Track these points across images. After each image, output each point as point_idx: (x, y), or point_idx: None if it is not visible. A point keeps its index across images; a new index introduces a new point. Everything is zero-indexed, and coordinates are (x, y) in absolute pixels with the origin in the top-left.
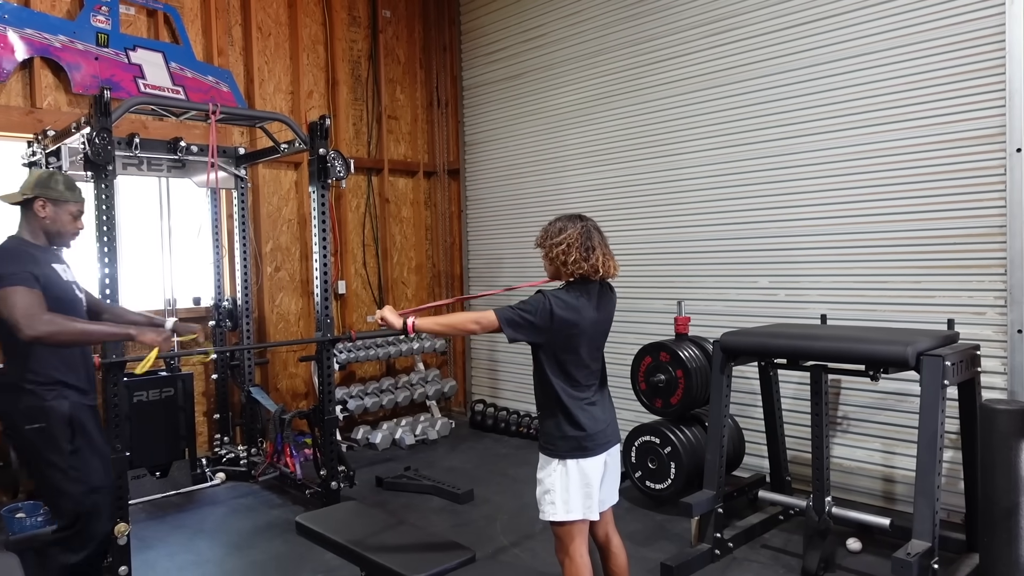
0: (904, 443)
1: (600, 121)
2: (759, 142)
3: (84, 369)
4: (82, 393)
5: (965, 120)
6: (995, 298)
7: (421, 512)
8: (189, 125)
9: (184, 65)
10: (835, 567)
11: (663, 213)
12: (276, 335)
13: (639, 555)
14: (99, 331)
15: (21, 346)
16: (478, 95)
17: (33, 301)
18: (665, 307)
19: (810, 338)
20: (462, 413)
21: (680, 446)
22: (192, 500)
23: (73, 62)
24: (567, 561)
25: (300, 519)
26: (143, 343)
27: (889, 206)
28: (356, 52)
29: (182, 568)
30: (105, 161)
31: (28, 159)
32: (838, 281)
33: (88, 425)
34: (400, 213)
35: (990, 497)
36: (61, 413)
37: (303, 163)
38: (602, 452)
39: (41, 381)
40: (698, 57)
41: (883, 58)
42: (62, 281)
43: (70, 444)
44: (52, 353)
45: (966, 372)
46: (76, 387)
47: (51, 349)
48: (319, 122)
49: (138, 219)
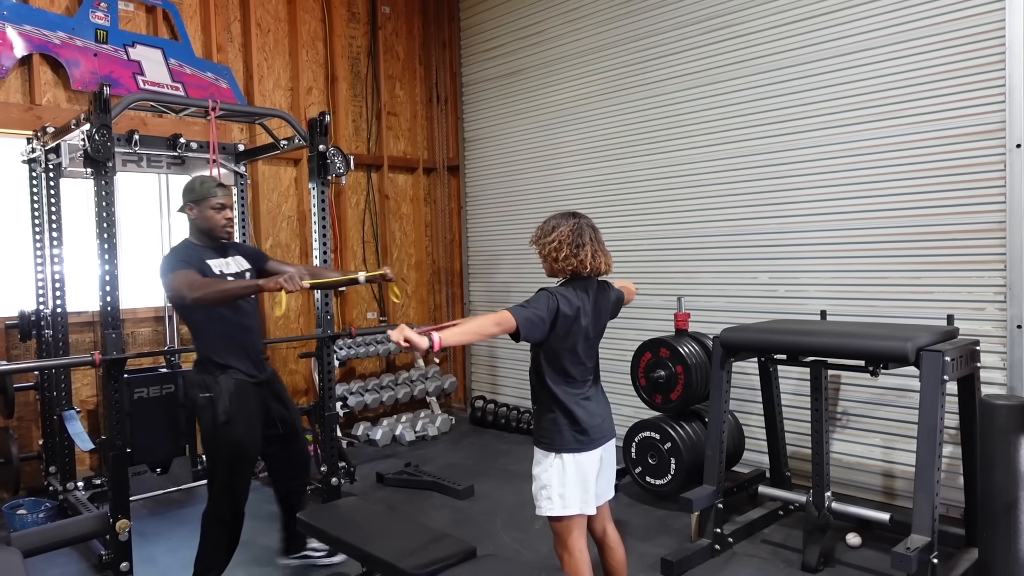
0: (903, 438)
1: (599, 117)
2: (758, 138)
3: (246, 352)
4: (244, 373)
5: (965, 116)
6: (995, 293)
7: (422, 508)
8: (188, 122)
9: (183, 61)
10: (835, 562)
11: (663, 209)
12: (276, 331)
13: (639, 550)
14: (235, 287)
15: (201, 330)
16: (477, 91)
17: (189, 275)
18: (665, 303)
19: (810, 334)
20: (462, 409)
21: (680, 442)
22: (193, 496)
23: (72, 59)
24: (566, 556)
25: (301, 515)
26: (269, 291)
27: (889, 202)
28: (355, 48)
29: (183, 564)
30: (105, 158)
31: (27, 156)
32: (838, 277)
33: (243, 400)
34: (400, 210)
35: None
36: (224, 388)
37: (303, 159)
38: (598, 447)
39: (214, 360)
40: (696, 53)
41: (883, 54)
42: (213, 273)
43: (225, 414)
44: (220, 337)
45: (966, 367)
46: (240, 368)
47: (219, 333)
48: (319, 118)
49: (138, 216)
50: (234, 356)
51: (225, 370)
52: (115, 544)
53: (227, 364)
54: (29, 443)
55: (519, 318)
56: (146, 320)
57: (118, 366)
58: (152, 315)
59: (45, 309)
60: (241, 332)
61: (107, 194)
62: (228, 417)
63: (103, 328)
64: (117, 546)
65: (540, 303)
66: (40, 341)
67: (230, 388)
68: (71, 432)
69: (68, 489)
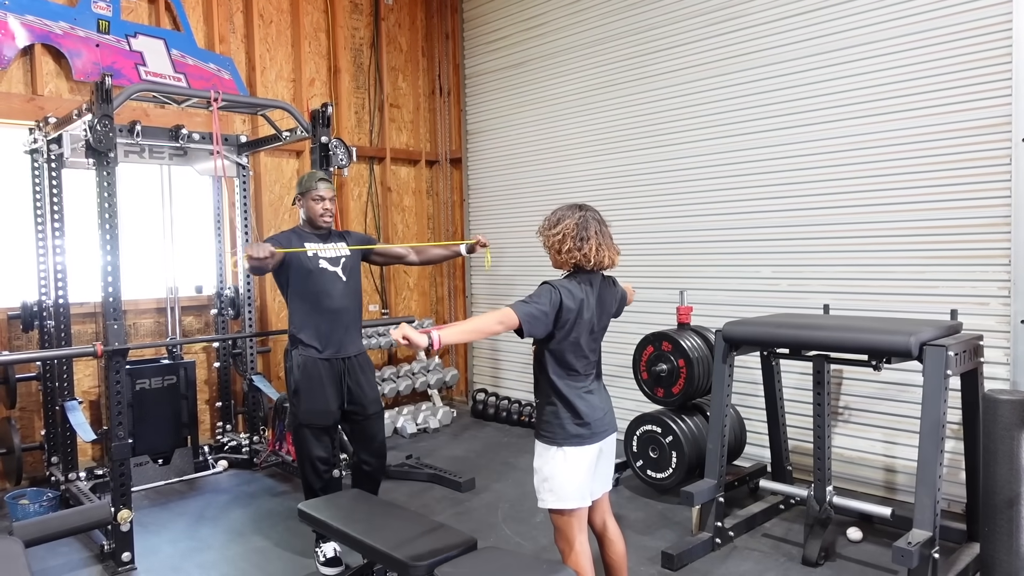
0: (905, 433)
1: (602, 110)
2: (762, 131)
3: (325, 332)
4: (316, 350)
5: (971, 109)
6: (999, 288)
7: (423, 500)
8: (191, 113)
9: (185, 52)
10: (835, 556)
11: (665, 202)
12: (278, 323)
13: (640, 543)
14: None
15: (289, 309)
16: (480, 83)
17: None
18: (667, 297)
19: (813, 328)
20: (464, 402)
21: (682, 435)
22: (194, 487)
23: (74, 49)
24: (567, 549)
25: (302, 506)
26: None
27: (893, 195)
28: (358, 40)
29: (184, 554)
30: (107, 148)
31: (29, 146)
32: (841, 271)
33: (312, 373)
34: (402, 202)
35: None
36: (296, 363)
37: (305, 151)
38: (599, 440)
39: (293, 336)
40: (701, 46)
41: (888, 47)
42: (307, 255)
43: (295, 385)
44: (301, 316)
45: (969, 362)
46: (314, 346)
47: (301, 313)
48: (321, 110)
49: (140, 207)
50: (311, 335)
51: (299, 346)
52: (117, 534)
53: (302, 341)
54: (31, 433)
55: (521, 314)
56: (148, 311)
57: (120, 357)
58: (154, 306)
59: (47, 300)
60: (320, 313)
61: (109, 184)
62: (296, 388)
63: (105, 319)
64: (119, 536)
65: (542, 297)
66: (42, 332)
67: (300, 363)
68: (73, 422)
69: (70, 479)
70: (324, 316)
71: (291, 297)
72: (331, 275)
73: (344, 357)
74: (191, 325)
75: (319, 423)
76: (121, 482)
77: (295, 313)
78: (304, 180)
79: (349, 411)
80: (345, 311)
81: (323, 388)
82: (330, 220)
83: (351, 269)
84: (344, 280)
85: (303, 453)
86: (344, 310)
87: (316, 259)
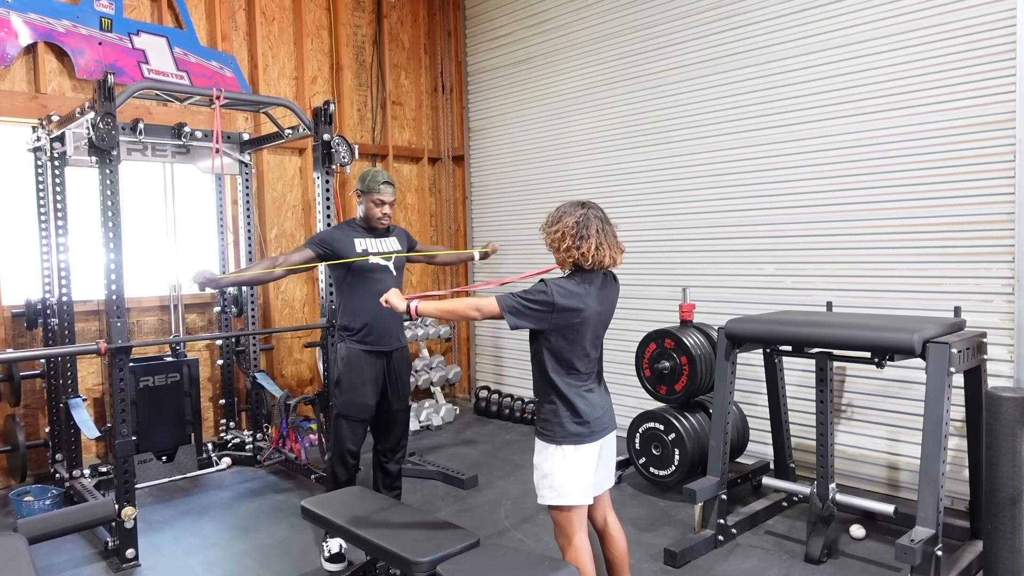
0: (908, 431)
1: (605, 107)
2: (765, 128)
3: (371, 325)
4: (362, 343)
5: (975, 106)
6: (1003, 285)
7: (426, 497)
8: (193, 111)
9: (188, 50)
10: (838, 553)
11: (668, 199)
12: (281, 321)
13: (642, 540)
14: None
15: (338, 301)
16: (483, 81)
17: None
18: (670, 294)
19: (816, 325)
20: (466, 399)
21: (684, 433)
22: (198, 484)
23: (77, 47)
24: (567, 545)
25: (305, 503)
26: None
27: (896, 193)
28: (360, 37)
29: (188, 551)
30: (109, 146)
31: (33, 144)
32: (844, 268)
33: (355, 367)
34: (405, 200)
35: (994, 484)
36: (341, 354)
37: (307, 149)
38: (599, 438)
39: (341, 328)
40: (703, 43)
41: (892, 43)
42: (353, 249)
43: (338, 377)
44: (348, 309)
45: (972, 360)
46: (358, 338)
47: (348, 306)
48: (323, 107)
49: (143, 205)
50: (357, 327)
51: (347, 339)
52: (121, 531)
53: (349, 334)
54: (36, 431)
55: (503, 305)
56: (151, 309)
57: (123, 354)
58: (157, 304)
59: (51, 298)
60: (371, 307)
61: (112, 183)
62: (339, 379)
63: (108, 317)
64: (123, 533)
65: (531, 294)
66: (46, 329)
67: (345, 355)
68: (77, 420)
69: (74, 476)
70: (373, 310)
71: (344, 291)
72: (382, 269)
73: (389, 351)
74: (194, 323)
75: (356, 416)
76: (125, 479)
77: (344, 308)
78: (368, 179)
79: (380, 404)
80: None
81: (364, 383)
82: (387, 223)
83: (400, 264)
84: (394, 275)
85: (336, 443)
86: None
87: (367, 254)
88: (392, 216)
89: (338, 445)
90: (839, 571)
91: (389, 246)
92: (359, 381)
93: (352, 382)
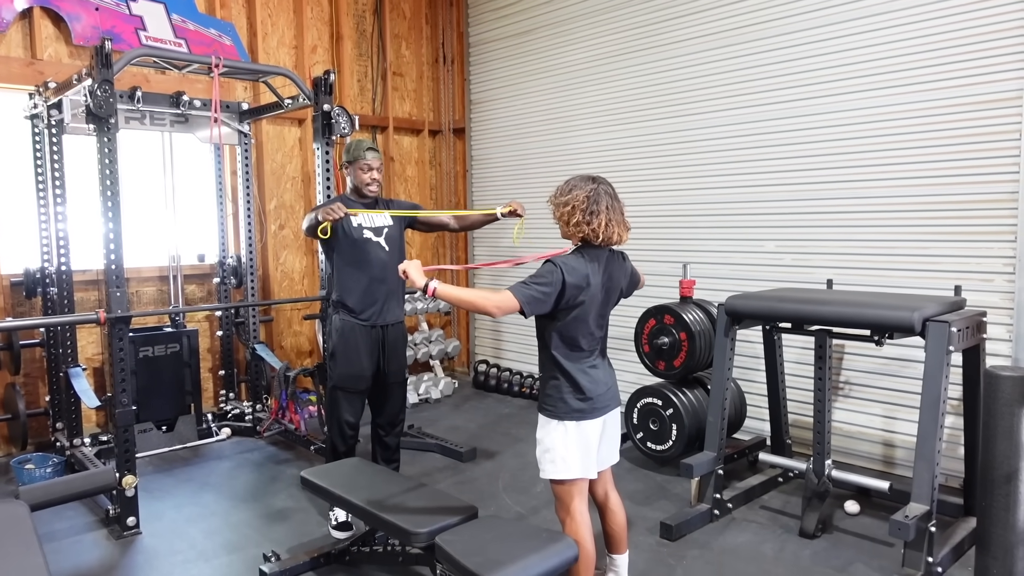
0: (905, 408)
1: (608, 80)
2: (767, 104)
3: (365, 298)
4: (356, 316)
5: (980, 83)
6: (1004, 265)
7: (424, 469)
8: (192, 79)
9: (186, 17)
10: (832, 528)
11: (669, 175)
12: (280, 293)
13: (639, 514)
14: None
15: (334, 279)
16: (485, 52)
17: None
18: (670, 270)
19: (816, 302)
20: (465, 373)
21: (682, 408)
22: (198, 454)
23: (73, 12)
24: (567, 518)
25: (305, 474)
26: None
27: (898, 170)
28: (361, 6)
29: (189, 520)
30: (107, 114)
31: (29, 112)
32: (845, 246)
33: (349, 339)
34: (405, 172)
35: (990, 462)
36: (335, 326)
37: (307, 119)
38: (601, 415)
39: (335, 301)
40: (711, 14)
41: (896, 18)
42: (351, 224)
43: (332, 348)
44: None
45: (971, 338)
46: (353, 311)
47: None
48: (323, 77)
49: (142, 175)
50: (353, 301)
51: (340, 311)
52: (122, 499)
53: (345, 307)
54: (36, 399)
55: (521, 298)
56: (150, 279)
57: (123, 324)
58: (156, 275)
59: (50, 267)
60: (363, 281)
61: (110, 151)
62: (334, 351)
63: (108, 286)
64: (123, 501)
65: (543, 278)
66: (45, 299)
67: (339, 327)
68: (77, 389)
69: (75, 445)
70: (366, 284)
71: (336, 265)
72: (374, 244)
73: (383, 325)
74: (193, 294)
75: (352, 387)
76: (125, 448)
77: (339, 280)
78: (352, 148)
79: (376, 377)
80: (386, 280)
81: (359, 354)
82: (377, 190)
83: (393, 238)
84: (386, 250)
85: (333, 414)
86: (385, 279)
87: (360, 229)
88: (380, 182)
89: (335, 417)
90: (833, 546)
91: (384, 220)
92: (354, 353)
93: (347, 354)
